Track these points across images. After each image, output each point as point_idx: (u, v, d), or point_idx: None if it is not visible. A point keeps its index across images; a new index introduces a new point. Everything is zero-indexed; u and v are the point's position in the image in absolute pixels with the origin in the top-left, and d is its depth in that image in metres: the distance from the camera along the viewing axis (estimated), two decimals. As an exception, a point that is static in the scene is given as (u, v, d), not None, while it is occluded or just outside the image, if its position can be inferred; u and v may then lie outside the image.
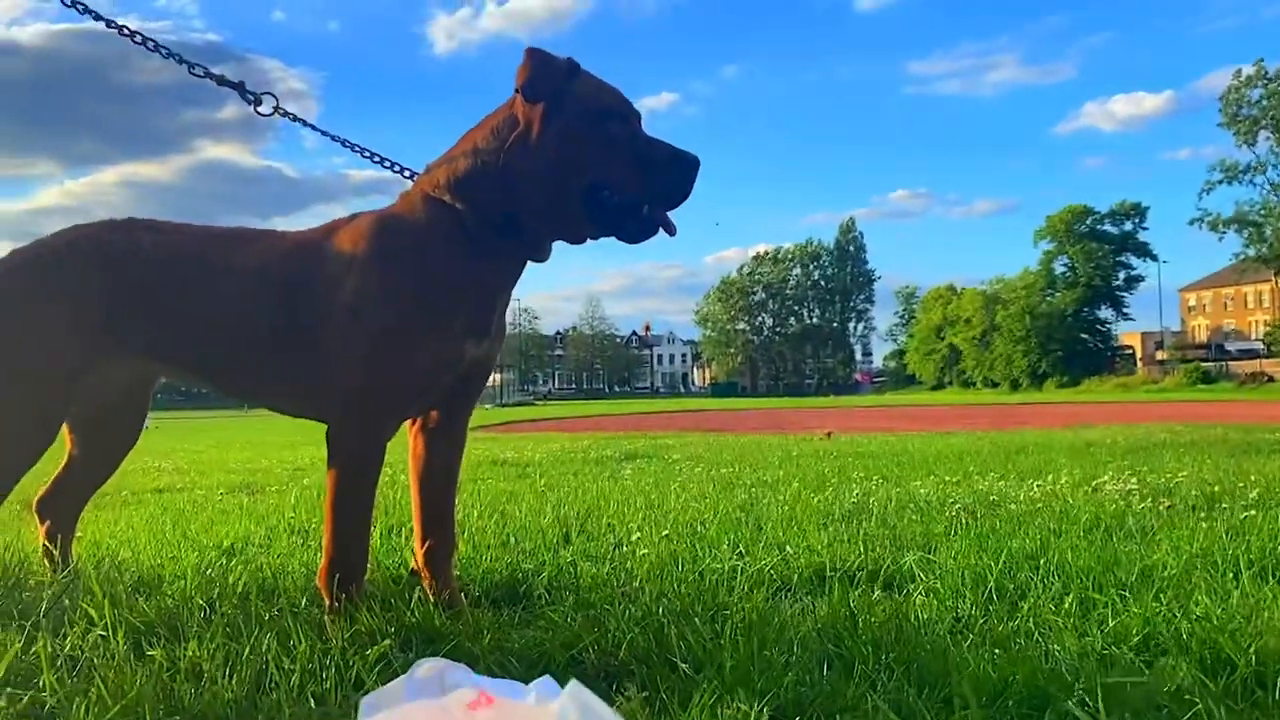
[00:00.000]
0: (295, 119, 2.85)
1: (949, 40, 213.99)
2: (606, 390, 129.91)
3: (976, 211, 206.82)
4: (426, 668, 1.54)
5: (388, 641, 1.99)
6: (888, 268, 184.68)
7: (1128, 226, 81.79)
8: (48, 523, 2.79)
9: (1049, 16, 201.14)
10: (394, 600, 2.33)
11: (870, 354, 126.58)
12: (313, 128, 2.90)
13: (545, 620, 2.19)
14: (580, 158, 2.19)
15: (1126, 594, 2.41)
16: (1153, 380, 63.52)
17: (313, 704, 1.71)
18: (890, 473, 6.23)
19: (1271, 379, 53.49)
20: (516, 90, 2.22)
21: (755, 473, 6.40)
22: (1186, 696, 1.64)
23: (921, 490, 4.94)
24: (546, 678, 1.51)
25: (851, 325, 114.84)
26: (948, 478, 5.74)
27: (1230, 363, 65.29)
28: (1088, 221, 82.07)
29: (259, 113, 2.71)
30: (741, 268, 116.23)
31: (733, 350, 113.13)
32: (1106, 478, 5.22)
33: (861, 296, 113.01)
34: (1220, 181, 63.60)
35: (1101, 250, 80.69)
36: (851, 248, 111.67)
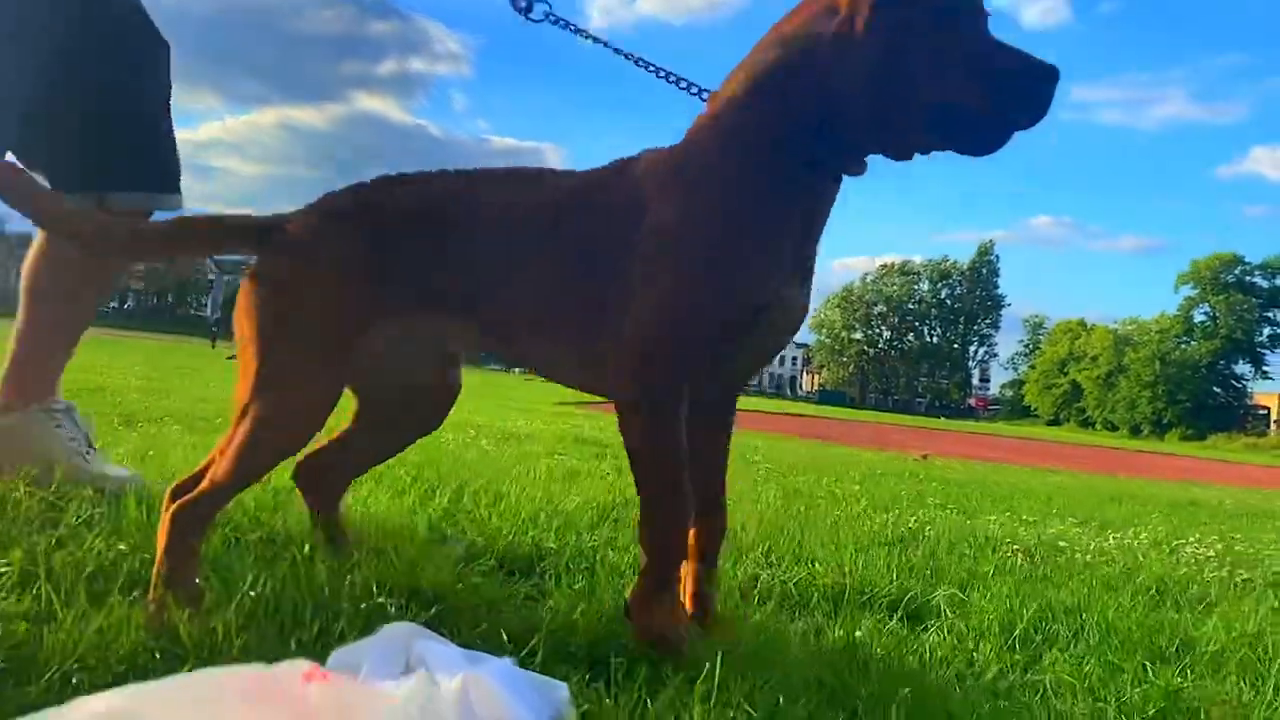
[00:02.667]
0: (570, 27, 2.57)
1: (1116, 67, 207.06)
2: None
3: (1120, 247, 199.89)
4: (393, 631, 1.56)
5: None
6: (1018, 294, 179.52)
7: (1280, 282, 77.91)
8: (310, 496, 2.49)
9: (1227, 54, 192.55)
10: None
11: (988, 380, 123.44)
12: (594, 38, 2.55)
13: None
14: (914, 57, 1.83)
15: (1156, 664, 2.29)
16: (1287, 445, 60.30)
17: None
18: (967, 504, 6.05)
19: None
20: None
21: (832, 484, 6.28)
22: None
23: (992, 525, 4.77)
24: (506, 660, 1.51)
25: (973, 349, 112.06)
26: (1024, 516, 5.55)
27: (1377, 436, 61.62)
28: (1236, 271, 78.42)
29: (529, 18, 2.54)
30: (865, 276, 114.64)
31: (845, 359, 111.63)
32: (1191, 539, 4.97)
33: (987, 321, 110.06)
34: (1390, 243, 60.05)
35: (1247, 303, 77.01)
36: (985, 271, 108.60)
